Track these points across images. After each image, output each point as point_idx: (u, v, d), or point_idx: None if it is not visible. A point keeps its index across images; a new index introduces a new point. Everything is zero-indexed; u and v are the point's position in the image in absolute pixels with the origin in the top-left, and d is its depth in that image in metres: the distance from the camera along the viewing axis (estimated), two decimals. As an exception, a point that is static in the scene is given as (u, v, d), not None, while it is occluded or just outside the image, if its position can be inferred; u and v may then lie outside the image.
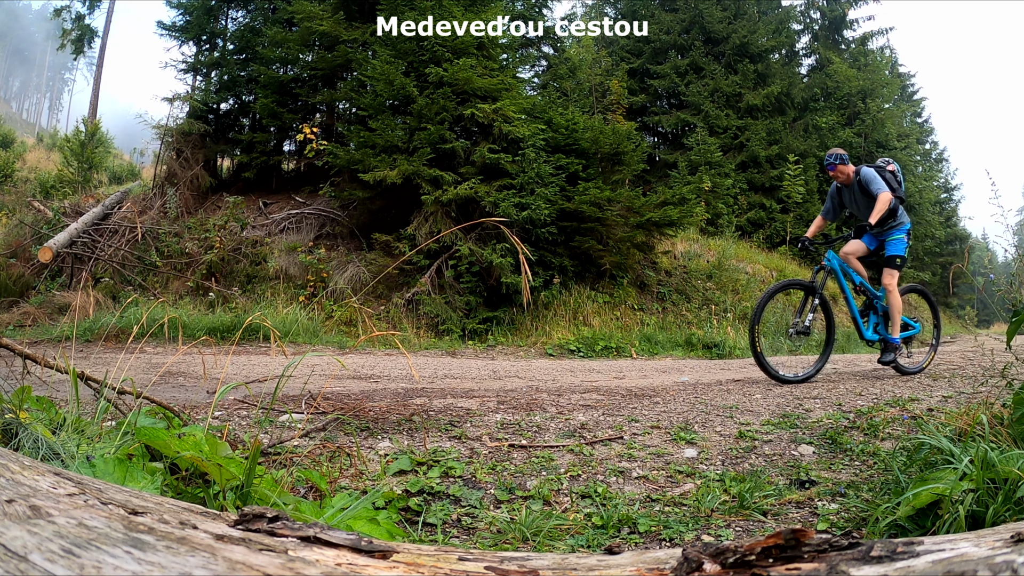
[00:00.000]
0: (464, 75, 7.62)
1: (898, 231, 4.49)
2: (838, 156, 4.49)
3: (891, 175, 4.47)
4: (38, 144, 22.65)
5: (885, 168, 4.52)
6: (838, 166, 4.48)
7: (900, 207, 4.47)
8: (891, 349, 4.42)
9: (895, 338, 4.42)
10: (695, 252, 10.40)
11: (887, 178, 4.41)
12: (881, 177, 4.40)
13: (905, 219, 4.52)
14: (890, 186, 4.36)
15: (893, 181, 4.44)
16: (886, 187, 4.28)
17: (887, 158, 4.68)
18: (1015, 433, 1.67)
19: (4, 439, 1.38)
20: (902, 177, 4.58)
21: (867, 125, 15.63)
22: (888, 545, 0.55)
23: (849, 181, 4.50)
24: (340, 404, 2.98)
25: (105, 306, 7.28)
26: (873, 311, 4.52)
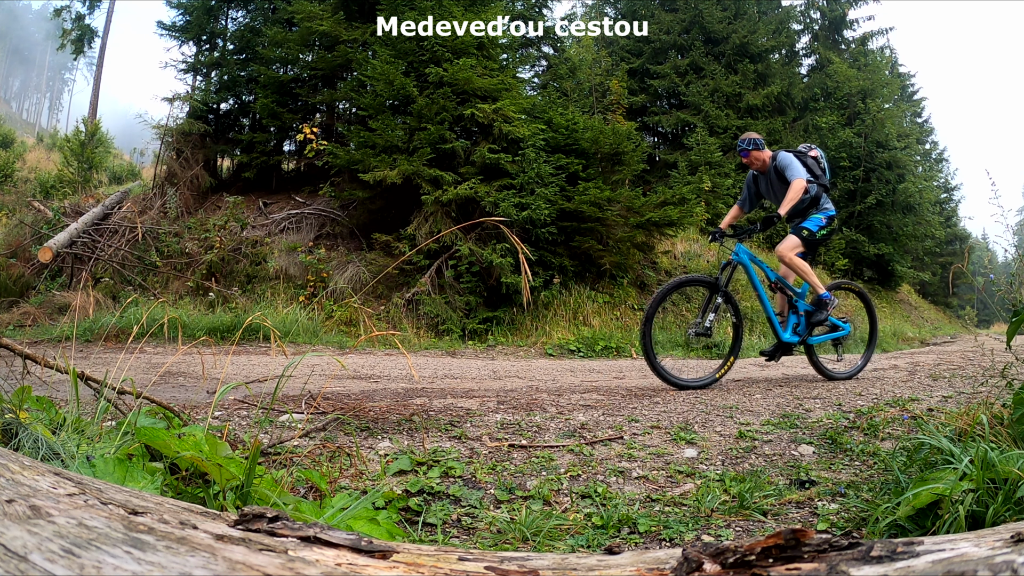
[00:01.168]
0: (464, 75, 7.62)
1: (821, 213, 4.14)
2: (751, 141, 4.16)
3: (813, 161, 4.18)
4: (38, 144, 22.65)
5: (807, 154, 4.21)
6: (751, 152, 4.14)
7: (824, 196, 4.17)
8: (821, 305, 4.09)
9: (825, 293, 4.09)
10: (695, 252, 10.40)
11: (808, 164, 4.12)
12: (801, 163, 4.07)
13: (830, 207, 4.18)
14: (813, 173, 4.09)
15: (816, 168, 4.15)
16: (803, 173, 3.95)
17: (809, 144, 4.36)
18: (1015, 433, 1.67)
19: (4, 439, 1.38)
20: (826, 164, 4.29)
21: (867, 125, 15.63)
22: (888, 545, 0.55)
23: (765, 168, 4.16)
24: (340, 404, 2.98)
25: (105, 306, 7.28)
26: (793, 311, 4.18)
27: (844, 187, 15.85)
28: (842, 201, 15.92)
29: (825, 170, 4.25)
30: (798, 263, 4.02)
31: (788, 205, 3.84)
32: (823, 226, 4.09)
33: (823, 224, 4.09)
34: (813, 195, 4.08)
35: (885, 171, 15.48)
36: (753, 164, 4.18)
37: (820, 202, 4.15)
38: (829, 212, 4.15)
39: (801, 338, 4.14)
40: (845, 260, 14.31)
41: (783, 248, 4.05)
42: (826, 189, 4.18)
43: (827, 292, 4.10)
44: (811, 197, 4.08)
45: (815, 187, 4.08)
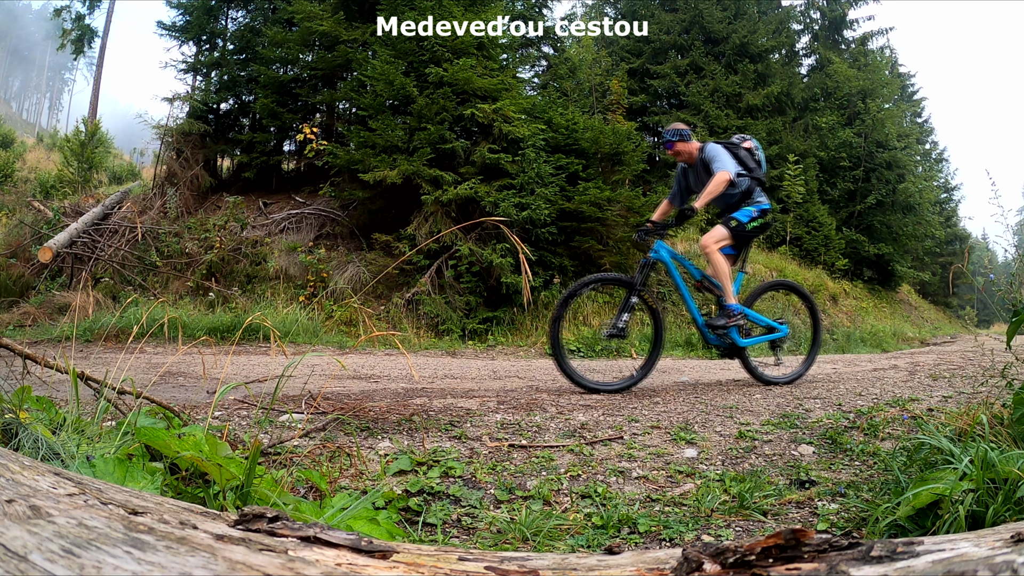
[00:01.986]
0: (464, 75, 7.63)
1: (753, 206, 3.87)
2: (675, 132, 3.91)
3: (747, 153, 3.94)
4: (38, 144, 22.65)
5: (739, 145, 3.96)
6: (676, 143, 3.91)
7: (757, 190, 3.91)
8: (726, 314, 3.79)
9: (732, 304, 3.79)
10: (695, 252, 10.40)
11: (741, 156, 3.88)
12: (732, 155, 3.83)
13: (763, 201, 3.90)
14: (745, 165, 3.85)
15: (749, 160, 3.90)
16: (729, 165, 3.71)
17: (744, 135, 4.12)
18: (1015, 433, 1.67)
19: (4, 439, 1.38)
20: (762, 156, 4.03)
21: (867, 125, 15.63)
22: (888, 545, 0.55)
23: (693, 160, 3.92)
24: (340, 404, 2.98)
25: (105, 306, 7.28)
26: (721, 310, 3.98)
27: (844, 187, 15.85)
28: (842, 201, 15.92)
29: (761, 162, 3.99)
30: (717, 259, 3.77)
31: (705, 198, 3.63)
32: (754, 218, 3.81)
33: (754, 216, 3.81)
34: (744, 188, 3.85)
35: (885, 171, 15.48)
36: (679, 156, 3.96)
37: (752, 196, 3.89)
38: (762, 205, 3.88)
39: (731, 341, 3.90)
40: (845, 260, 14.32)
41: (707, 239, 3.80)
42: (761, 183, 3.93)
43: (736, 305, 3.83)
44: (741, 191, 3.85)
45: (746, 180, 3.83)
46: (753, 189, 3.87)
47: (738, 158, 3.84)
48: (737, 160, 3.81)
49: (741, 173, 3.80)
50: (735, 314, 3.78)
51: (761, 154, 4.01)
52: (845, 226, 15.36)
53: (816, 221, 14.46)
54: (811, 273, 12.86)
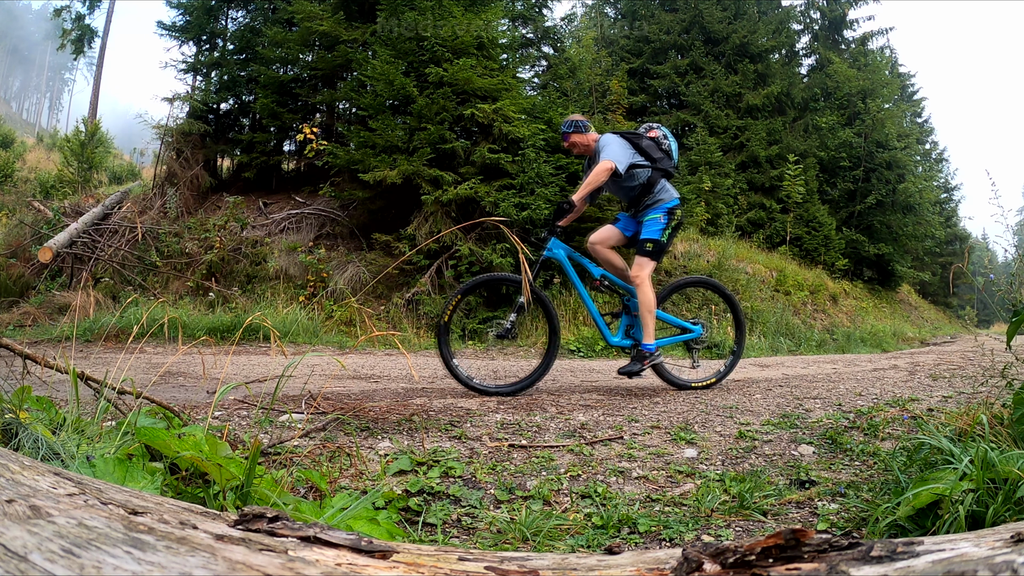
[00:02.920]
0: (464, 75, 7.62)
1: (654, 210, 3.60)
2: (571, 123, 3.70)
3: (651, 142, 3.67)
4: (38, 144, 22.65)
5: (643, 135, 3.71)
6: (571, 135, 3.69)
7: (663, 182, 3.64)
8: (640, 357, 3.59)
9: (648, 344, 3.60)
10: (695, 252, 10.40)
11: (643, 146, 3.61)
12: (632, 145, 3.60)
13: (666, 196, 3.64)
14: (648, 156, 3.60)
15: (654, 150, 3.64)
16: (615, 155, 3.46)
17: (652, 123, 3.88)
18: (1015, 433, 1.67)
19: (4, 439, 1.38)
20: (672, 145, 3.77)
21: (867, 125, 15.64)
22: (888, 545, 0.55)
23: (591, 152, 3.68)
24: (340, 404, 2.98)
25: (105, 306, 7.28)
26: (626, 311, 3.78)
27: (844, 187, 15.86)
28: (842, 201, 15.92)
29: (670, 152, 3.72)
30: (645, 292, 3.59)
31: (584, 189, 3.44)
32: (665, 228, 3.59)
33: (664, 225, 3.59)
34: (644, 180, 3.60)
35: (885, 171, 15.48)
36: (575, 148, 3.74)
37: (654, 189, 3.63)
38: (667, 204, 3.60)
39: (635, 341, 3.69)
40: (845, 260, 14.32)
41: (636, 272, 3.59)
42: (667, 174, 3.67)
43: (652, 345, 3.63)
44: (642, 183, 3.61)
45: (647, 171, 3.59)
46: (656, 180, 3.62)
47: (639, 148, 3.61)
48: (639, 150, 3.59)
49: (640, 164, 3.58)
50: (651, 355, 3.58)
51: (671, 143, 3.77)
52: (845, 226, 15.36)
53: (816, 221, 14.46)
54: (811, 273, 12.86)
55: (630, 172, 3.56)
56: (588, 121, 3.74)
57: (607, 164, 3.40)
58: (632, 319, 3.75)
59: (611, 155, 3.45)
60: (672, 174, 3.70)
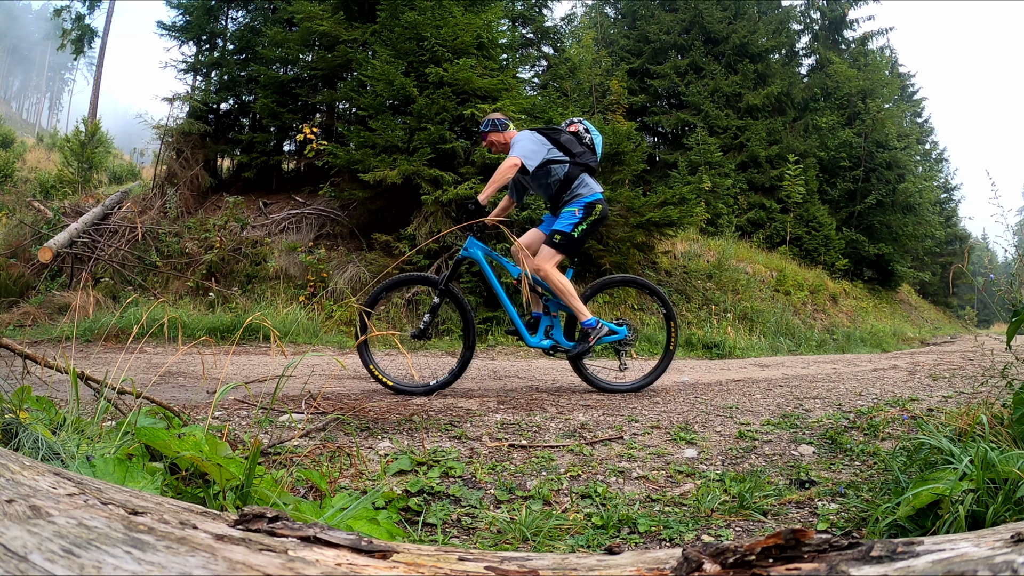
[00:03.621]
0: (464, 75, 7.63)
1: (571, 204, 3.51)
2: (488, 122, 3.64)
3: (571, 137, 3.58)
4: (38, 144, 22.66)
5: (564, 129, 3.62)
6: (489, 134, 3.63)
7: (583, 176, 3.54)
8: (585, 336, 3.49)
9: (588, 320, 3.48)
10: (695, 252, 10.40)
11: (562, 141, 3.53)
12: (551, 140, 3.51)
13: (585, 190, 3.52)
14: (568, 151, 3.51)
15: (574, 145, 3.55)
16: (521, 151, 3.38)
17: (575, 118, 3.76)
18: (1015, 433, 1.67)
19: (4, 439, 1.38)
20: (596, 139, 3.67)
21: (867, 125, 15.64)
22: (888, 545, 0.55)
23: (507, 151, 3.57)
24: (340, 404, 2.98)
25: (105, 306, 7.28)
26: (546, 311, 3.67)
27: (844, 187, 15.87)
28: (842, 201, 15.93)
29: (593, 146, 3.64)
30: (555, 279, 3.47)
31: (488, 189, 3.35)
32: (578, 222, 3.46)
33: (578, 220, 3.46)
34: (562, 176, 3.51)
35: (885, 171, 15.49)
36: (493, 148, 3.68)
37: (573, 184, 3.52)
38: (586, 199, 3.49)
39: (554, 342, 3.59)
40: (845, 260, 14.33)
41: (540, 263, 3.48)
42: (588, 168, 3.56)
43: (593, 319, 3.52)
44: (560, 179, 3.52)
45: (565, 167, 3.49)
46: (575, 175, 3.52)
47: (558, 143, 3.53)
48: (557, 145, 3.52)
49: (557, 159, 3.50)
50: (594, 328, 3.48)
51: (595, 137, 3.67)
52: (845, 226, 15.37)
53: (816, 221, 14.47)
54: (811, 273, 12.86)
55: (546, 168, 3.49)
56: (507, 119, 3.70)
57: (512, 160, 3.34)
58: (552, 320, 3.64)
59: (518, 151, 3.39)
60: (594, 168, 3.61)
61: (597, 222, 3.51)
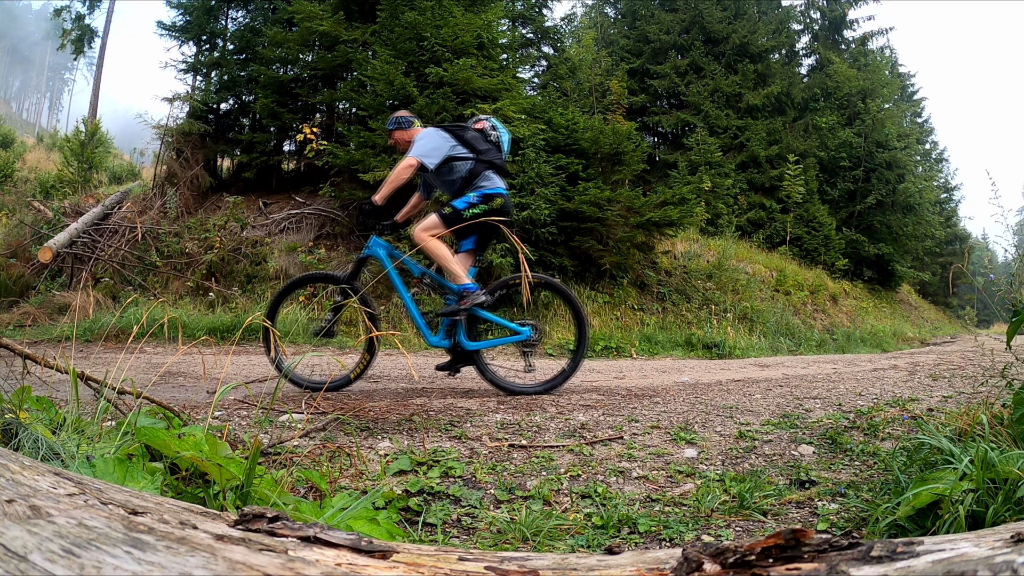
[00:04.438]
0: (464, 75, 7.63)
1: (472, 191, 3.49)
2: (394, 120, 3.65)
3: (476, 134, 3.56)
4: (38, 144, 22.67)
5: (469, 127, 3.61)
6: (394, 132, 3.64)
7: (486, 173, 3.51)
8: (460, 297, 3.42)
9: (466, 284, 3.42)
10: (695, 252, 10.40)
11: (467, 138, 3.52)
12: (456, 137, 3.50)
13: (487, 184, 3.49)
14: (473, 148, 3.50)
15: (479, 142, 3.54)
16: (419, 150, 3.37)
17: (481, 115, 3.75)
18: (1015, 433, 1.67)
19: (4, 439, 1.38)
20: (503, 136, 3.65)
21: (867, 125, 15.64)
22: (888, 545, 0.55)
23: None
24: (340, 404, 2.98)
25: (105, 306, 7.28)
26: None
27: (844, 187, 15.87)
28: (842, 201, 15.93)
29: (499, 143, 3.62)
30: (431, 245, 3.41)
31: (383, 189, 3.39)
32: (472, 204, 3.42)
33: (472, 203, 3.43)
34: (465, 172, 3.51)
35: (885, 171, 15.49)
36: (399, 146, 3.66)
37: (475, 181, 3.50)
38: (485, 191, 3.47)
39: (454, 341, 3.52)
40: (845, 260, 14.33)
41: (418, 229, 3.47)
42: (493, 166, 3.53)
43: (473, 284, 3.45)
44: (462, 176, 3.52)
45: (470, 163, 3.49)
46: (479, 172, 3.50)
47: (463, 140, 3.51)
48: (462, 142, 3.50)
49: (461, 156, 3.49)
50: (471, 293, 3.39)
51: (501, 134, 3.64)
52: (845, 226, 15.37)
53: (816, 221, 14.47)
54: (811, 273, 12.86)
55: (449, 164, 3.49)
56: (412, 117, 3.68)
57: (408, 160, 3.35)
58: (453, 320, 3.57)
59: (415, 150, 3.39)
60: (499, 165, 3.58)
61: (494, 213, 3.44)
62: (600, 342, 7.26)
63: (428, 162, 3.37)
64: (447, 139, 3.48)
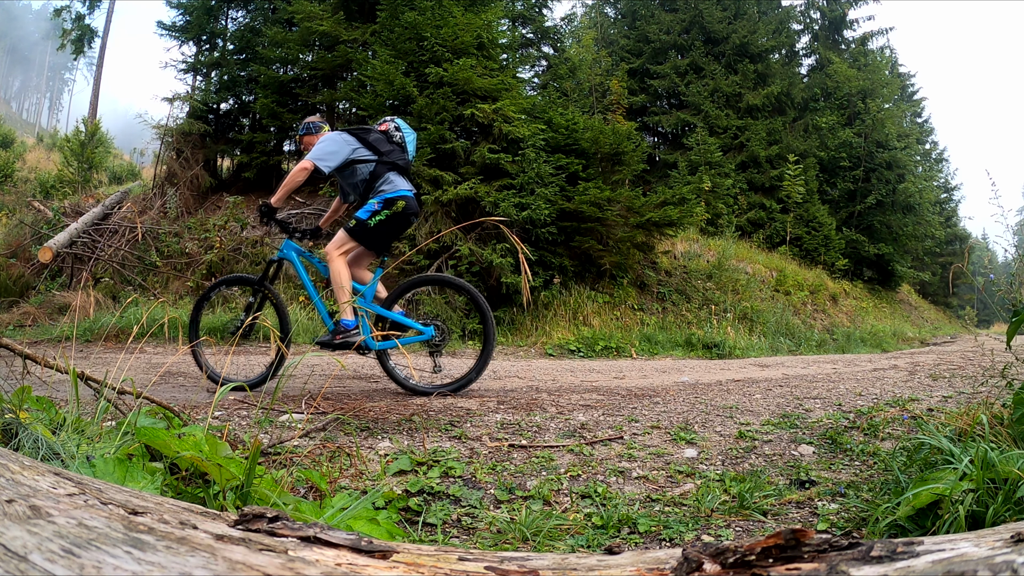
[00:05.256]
0: (464, 75, 7.62)
1: (374, 198, 3.49)
2: (305, 125, 3.69)
3: (380, 136, 3.58)
4: (38, 144, 22.67)
5: (374, 129, 3.62)
6: (303, 138, 3.67)
7: (389, 174, 3.52)
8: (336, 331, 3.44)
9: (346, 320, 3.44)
10: (695, 252, 10.40)
11: (371, 140, 3.54)
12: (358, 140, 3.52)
13: (388, 187, 3.50)
14: (375, 149, 3.52)
15: (382, 143, 3.55)
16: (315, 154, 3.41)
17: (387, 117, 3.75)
18: (1015, 433, 1.67)
19: (4, 439, 1.38)
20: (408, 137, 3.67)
21: (867, 125, 15.64)
22: (888, 545, 0.55)
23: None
24: (340, 404, 2.99)
25: (105, 306, 7.28)
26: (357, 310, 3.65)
27: (844, 187, 15.87)
28: (842, 201, 15.93)
29: (403, 144, 3.63)
30: (335, 267, 3.43)
31: (280, 192, 3.46)
32: (375, 212, 3.43)
33: (375, 210, 3.43)
34: (367, 174, 3.52)
35: (885, 171, 15.49)
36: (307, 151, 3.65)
37: (378, 183, 3.50)
38: (387, 194, 3.46)
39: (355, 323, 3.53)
40: (845, 260, 14.32)
41: (330, 246, 3.49)
42: (395, 167, 3.55)
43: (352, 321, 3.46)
44: (365, 178, 3.54)
45: (372, 165, 3.50)
46: (381, 173, 3.52)
47: (366, 142, 3.53)
48: (366, 144, 3.52)
49: (363, 158, 3.51)
50: (347, 331, 3.42)
51: (406, 135, 3.66)
52: (845, 226, 15.36)
53: (816, 221, 14.47)
54: (811, 273, 12.86)
55: (351, 168, 3.52)
56: (321, 122, 3.73)
57: (303, 164, 3.40)
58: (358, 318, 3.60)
59: (313, 154, 3.42)
60: (402, 166, 3.60)
61: (399, 217, 3.46)
62: (600, 342, 7.26)
63: (323, 165, 3.40)
64: (349, 142, 3.51)
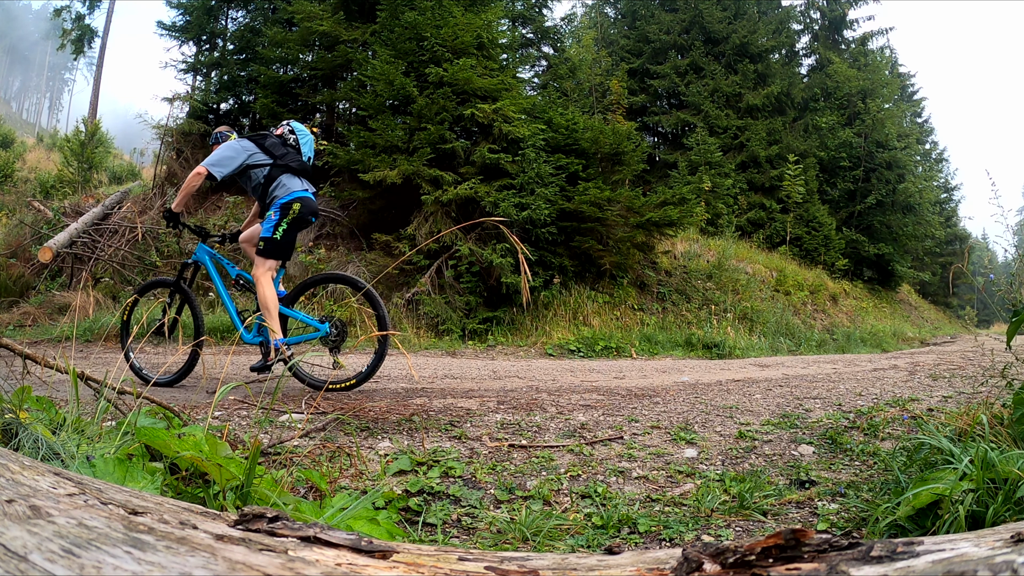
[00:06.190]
0: (464, 75, 7.62)
1: (271, 208, 3.55)
2: (214, 135, 3.82)
3: (276, 140, 3.68)
4: (38, 144, 22.67)
5: (270, 133, 3.73)
6: (213, 146, 3.76)
7: (280, 178, 3.59)
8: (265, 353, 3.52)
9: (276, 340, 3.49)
10: (695, 252, 10.40)
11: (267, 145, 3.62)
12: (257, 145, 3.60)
13: (281, 192, 3.56)
14: (271, 153, 3.59)
15: (278, 147, 3.64)
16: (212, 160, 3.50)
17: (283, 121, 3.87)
18: (1015, 433, 1.67)
19: (4, 439, 1.38)
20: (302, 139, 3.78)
21: (867, 125, 15.64)
22: (888, 545, 0.55)
23: None
24: (340, 404, 2.99)
25: (105, 306, 7.28)
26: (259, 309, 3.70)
27: (844, 187, 15.87)
28: (842, 201, 15.93)
29: (297, 146, 3.74)
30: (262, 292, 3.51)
31: (179, 197, 3.59)
32: (276, 223, 3.51)
33: (275, 222, 3.51)
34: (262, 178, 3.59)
35: (885, 171, 15.49)
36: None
37: (271, 187, 3.57)
38: (280, 200, 3.53)
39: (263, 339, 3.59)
40: (845, 260, 14.33)
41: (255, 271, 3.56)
42: (289, 169, 3.63)
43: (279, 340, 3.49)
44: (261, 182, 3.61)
45: (266, 169, 3.58)
46: (275, 177, 3.59)
47: (263, 147, 3.61)
48: (263, 149, 3.61)
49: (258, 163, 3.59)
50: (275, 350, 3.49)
51: (300, 137, 3.77)
52: (845, 226, 15.36)
53: (816, 221, 14.46)
54: (811, 273, 12.86)
55: (247, 173, 3.62)
56: (228, 132, 3.84)
57: (198, 169, 3.49)
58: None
59: (208, 160, 3.53)
60: (295, 168, 3.68)
61: (298, 220, 3.58)
62: (600, 342, 7.27)
63: (215, 171, 3.50)
64: (247, 149, 3.60)
